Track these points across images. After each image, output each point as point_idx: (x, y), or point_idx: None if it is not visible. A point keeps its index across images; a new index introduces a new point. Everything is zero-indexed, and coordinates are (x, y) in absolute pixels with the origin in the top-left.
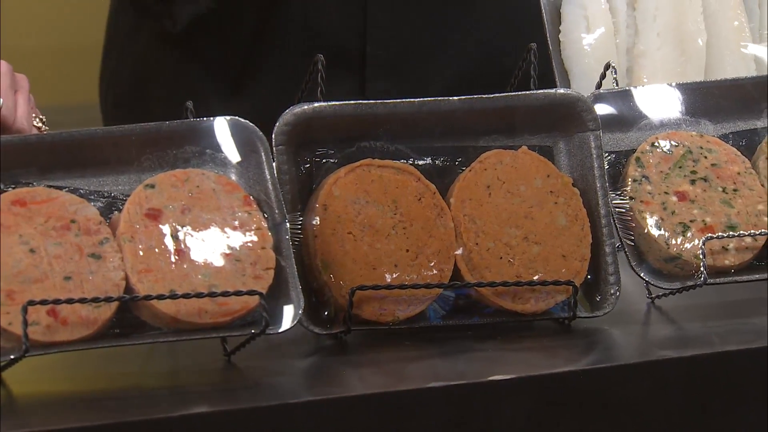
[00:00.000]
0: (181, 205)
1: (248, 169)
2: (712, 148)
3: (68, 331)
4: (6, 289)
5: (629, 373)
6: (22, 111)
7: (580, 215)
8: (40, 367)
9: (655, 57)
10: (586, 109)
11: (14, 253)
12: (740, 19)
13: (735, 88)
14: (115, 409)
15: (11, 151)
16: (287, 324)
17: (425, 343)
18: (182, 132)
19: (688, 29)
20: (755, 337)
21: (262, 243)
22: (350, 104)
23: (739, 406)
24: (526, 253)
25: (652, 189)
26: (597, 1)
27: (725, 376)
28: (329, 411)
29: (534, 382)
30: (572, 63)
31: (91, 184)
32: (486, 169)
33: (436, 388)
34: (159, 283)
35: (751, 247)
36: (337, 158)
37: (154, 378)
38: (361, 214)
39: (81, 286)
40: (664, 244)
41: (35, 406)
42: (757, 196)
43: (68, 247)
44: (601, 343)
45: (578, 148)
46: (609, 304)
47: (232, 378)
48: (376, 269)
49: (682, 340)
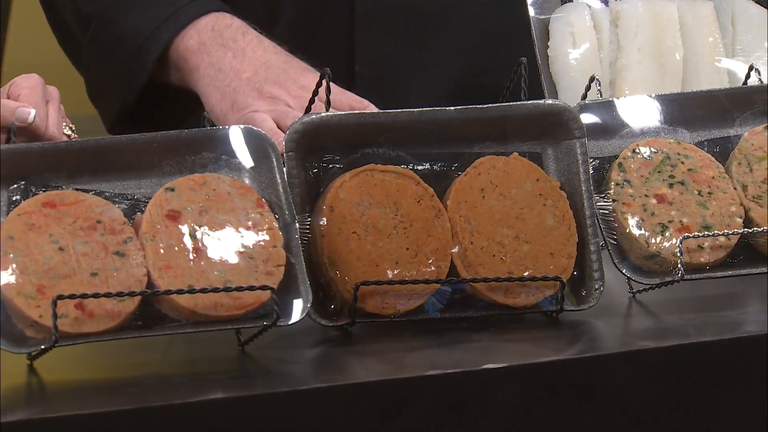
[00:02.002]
0: (199, 207)
1: (260, 174)
2: (689, 154)
3: (94, 323)
4: (37, 284)
5: (612, 362)
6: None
7: (566, 216)
8: (68, 357)
9: (636, 70)
10: (573, 119)
11: (45, 251)
12: (714, 35)
13: (710, 99)
14: (137, 395)
15: (42, 157)
16: (296, 316)
17: (424, 334)
18: (200, 139)
19: (666, 45)
20: (729, 329)
21: (274, 242)
22: (354, 114)
23: (714, 392)
24: (517, 251)
25: (633, 192)
26: (582, 18)
27: (701, 365)
28: (336, 397)
29: (524, 370)
30: (559, 76)
31: (115, 188)
32: (480, 173)
33: (434, 375)
34: (178, 279)
35: (725, 245)
36: (343, 164)
37: (173, 366)
38: (365, 215)
39: (106, 282)
40: (645, 242)
41: (64, 392)
42: (730, 199)
43: (94, 246)
44: (586, 334)
45: (565, 154)
46: (593, 299)
47: (246, 366)
48: (378, 266)
49: (661, 332)
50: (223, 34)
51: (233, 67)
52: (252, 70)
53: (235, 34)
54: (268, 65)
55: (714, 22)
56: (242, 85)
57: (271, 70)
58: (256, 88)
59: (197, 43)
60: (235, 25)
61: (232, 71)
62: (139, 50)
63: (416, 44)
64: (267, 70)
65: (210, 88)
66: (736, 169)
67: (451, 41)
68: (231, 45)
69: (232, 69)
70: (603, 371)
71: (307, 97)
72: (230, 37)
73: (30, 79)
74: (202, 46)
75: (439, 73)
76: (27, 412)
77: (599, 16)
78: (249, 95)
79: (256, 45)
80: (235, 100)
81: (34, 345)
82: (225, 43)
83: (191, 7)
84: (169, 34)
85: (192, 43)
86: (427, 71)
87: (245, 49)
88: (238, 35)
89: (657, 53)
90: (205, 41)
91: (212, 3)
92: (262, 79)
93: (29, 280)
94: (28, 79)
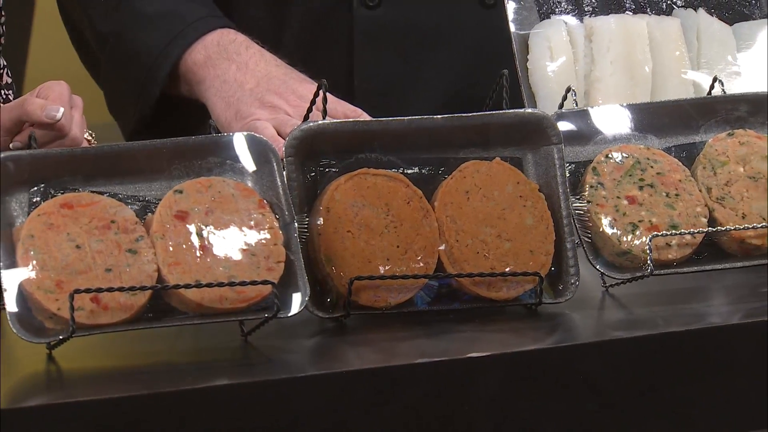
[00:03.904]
0: (205, 208)
1: (262, 177)
2: (657, 159)
3: (109, 315)
4: (56, 279)
5: (587, 351)
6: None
7: (545, 216)
8: (85, 346)
9: (609, 82)
10: (551, 126)
11: (63, 248)
12: (681, 49)
13: (676, 109)
14: (148, 381)
15: (61, 161)
16: (295, 309)
17: (413, 325)
18: (206, 146)
19: (636, 58)
20: (694, 320)
21: (274, 240)
22: (349, 122)
23: (681, 378)
24: (499, 249)
25: (606, 194)
26: (559, 34)
27: (669, 353)
28: (331, 383)
29: (506, 359)
30: (538, 87)
31: (128, 190)
32: (465, 177)
33: (422, 363)
34: (186, 275)
35: (691, 243)
36: (338, 168)
37: (181, 355)
38: (359, 215)
39: (120, 277)
40: (617, 240)
41: (80, 379)
42: (695, 200)
43: (109, 244)
44: (563, 325)
45: (544, 159)
46: (570, 292)
47: (249, 355)
48: (371, 262)
49: (632, 323)
50: (228, 49)
51: (237, 78)
52: (254, 82)
53: (238, 48)
54: (270, 77)
55: (680, 37)
56: (245, 96)
57: (272, 82)
58: (258, 98)
59: (204, 57)
60: (238, 40)
61: (236, 83)
62: (152, 66)
63: (410, 60)
64: (268, 82)
65: (216, 98)
66: (701, 172)
67: (442, 57)
68: (235, 58)
69: (236, 80)
70: (578, 359)
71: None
72: (234, 51)
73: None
74: (209, 59)
75: (432, 86)
76: (46, 397)
77: (574, 32)
78: (252, 105)
79: (258, 58)
80: (239, 109)
81: (53, 335)
82: (229, 57)
83: (198, 24)
84: (178, 50)
85: (199, 57)
86: (420, 85)
87: (248, 62)
88: (242, 49)
89: (628, 66)
90: (211, 55)
91: (217, 20)
92: (264, 90)
93: (48, 276)
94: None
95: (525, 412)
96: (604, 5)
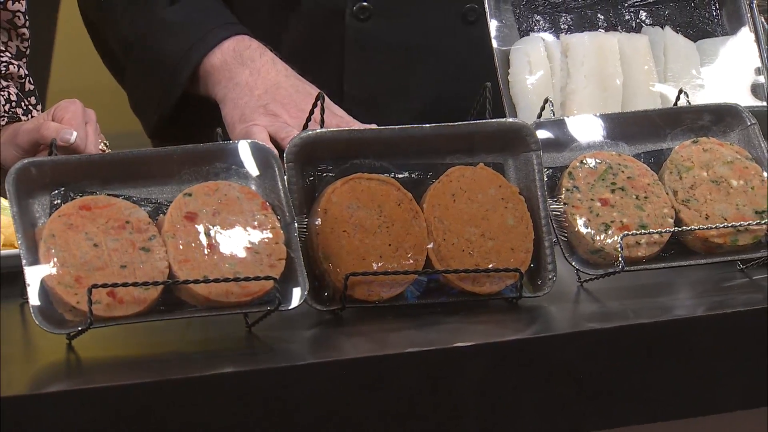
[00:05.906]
0: (213, 210)
1: (265, 181)
2: (628, 164)
3: (124, 308)
4: (75, 275)
5: (564, 341)
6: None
7: (525, 217)
8: (102, 337)
9: (583, 94)
10: (530, 134)
11: (81, 247)
12: (649, 64)
13: (645, 118)
14: (160, 369)
15: (80, 167)
16: (296, 302)
17: (404, 317)
18: (213, 152)
19: (608, 72)
20: (662, 312)
21: (276, 239)
22: (345, 131)
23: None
24: (483, 247)
25: (581, 196)
26: (537, 49)
27: (639, 343)
28: (329, 371)
29: (489, 348)
30: (518, 98)
31: (141, 193)
32: (451, 181)
33: (412, 352)
34: (195, 271)
35: (659, 242)
36: (335, 172)
37: (190, 345)
38: (354, 216)
39: (134, 273)
40: (591, 239)
41: (98, 366)
42: (662, 202)
43: (124, 242)
44: (541, 317)
45: (524, 164)
46: (547, 287)
47: (252, 345)
48: (365, 259)
49: (605, 315)
50: (243, 54)
51: (248, 83)
52: (263, 89)
53: (253, 55)
54: (278, 86)
55: (649, 52)
56: (252, 101)
57: (279, 92)
58: (263, 105)
59: (221, 61)
60: (253, 47)
61: (246, 87)
62: (174, 70)
63: (398, 71)
64: (276, 91)
65: (227, 98)
66: (668, 177)
67: (427, 69)
68: (249, 64)
69: (247, 84)
70: (556, 348)
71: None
72: (249, 57)
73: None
74: (225, 63)
75: (417, 96)
76: (66, 383)
77: (552, 48)
78: (256, 111)
79: (270, 66)
80: (244, 112)
81: (72, 327)
82: (244, 62)
83: (217, 30)
84: (198, 55)
85: (216, 61)
86: (406, 94)
87: (260, 69)
88: (256, 56)
89: (600, 79)
90: (228, 60)
91: (235, 27)
92: (270, 98)
93: (68, 272)
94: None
95: (507, 397)
96: (578, 23)
